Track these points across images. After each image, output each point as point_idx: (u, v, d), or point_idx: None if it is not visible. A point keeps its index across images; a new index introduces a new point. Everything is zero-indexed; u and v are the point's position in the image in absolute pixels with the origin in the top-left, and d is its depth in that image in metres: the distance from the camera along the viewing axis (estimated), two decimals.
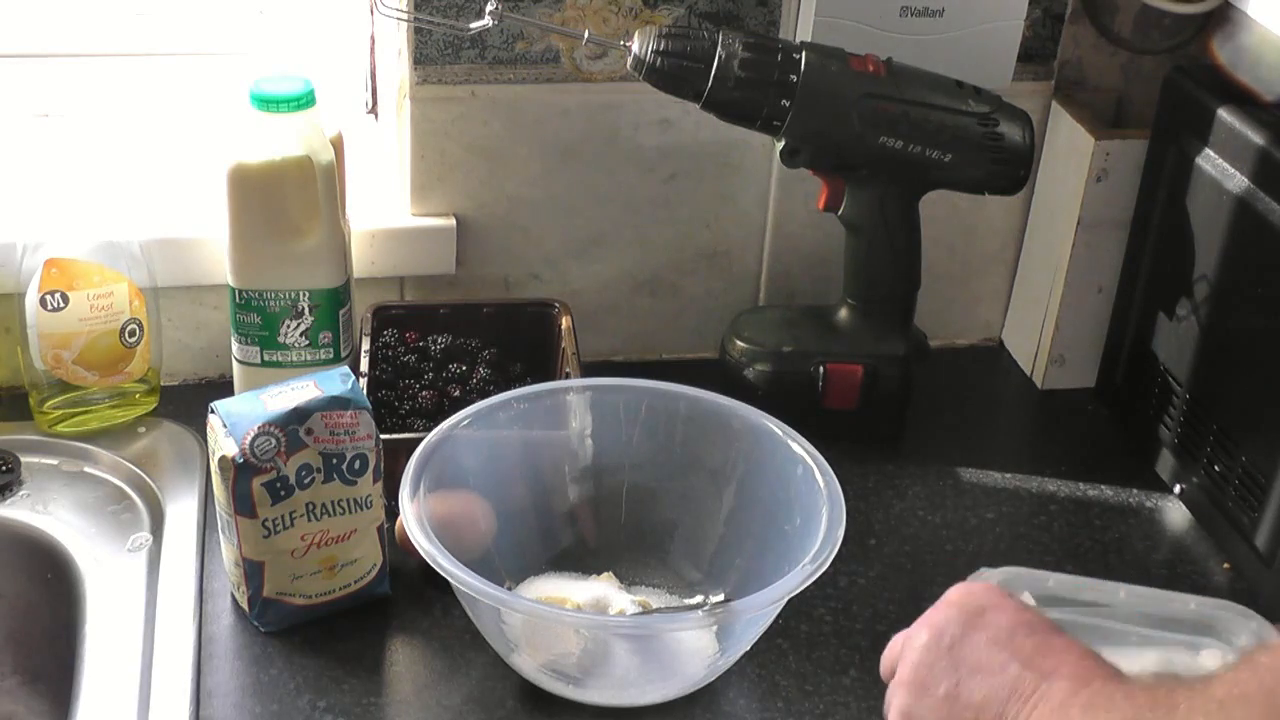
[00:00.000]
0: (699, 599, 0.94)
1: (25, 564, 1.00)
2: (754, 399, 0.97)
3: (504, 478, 0.96)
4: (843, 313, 1.12)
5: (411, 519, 0.85)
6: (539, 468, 0.98)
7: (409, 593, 0.96)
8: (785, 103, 1.00)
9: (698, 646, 0.87)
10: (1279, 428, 0.98)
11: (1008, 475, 1.11)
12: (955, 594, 0.74)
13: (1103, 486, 1.11)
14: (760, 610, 0.84)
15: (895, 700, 0.73)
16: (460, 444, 0.92)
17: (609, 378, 0.99)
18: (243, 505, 0.87)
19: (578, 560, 0.97)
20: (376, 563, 0.93)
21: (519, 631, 0.86)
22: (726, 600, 0.89)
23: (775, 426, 0.94)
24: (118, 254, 1.05)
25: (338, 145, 1.05)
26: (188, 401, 1.11)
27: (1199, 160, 1.05)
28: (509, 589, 0.93)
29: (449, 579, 0.82)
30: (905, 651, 0.73)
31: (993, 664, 0.68)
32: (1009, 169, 1.05)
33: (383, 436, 0.91)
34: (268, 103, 0.99)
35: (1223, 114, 1.03)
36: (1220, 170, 1.03)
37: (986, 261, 1.26)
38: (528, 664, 0.87)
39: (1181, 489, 1.09)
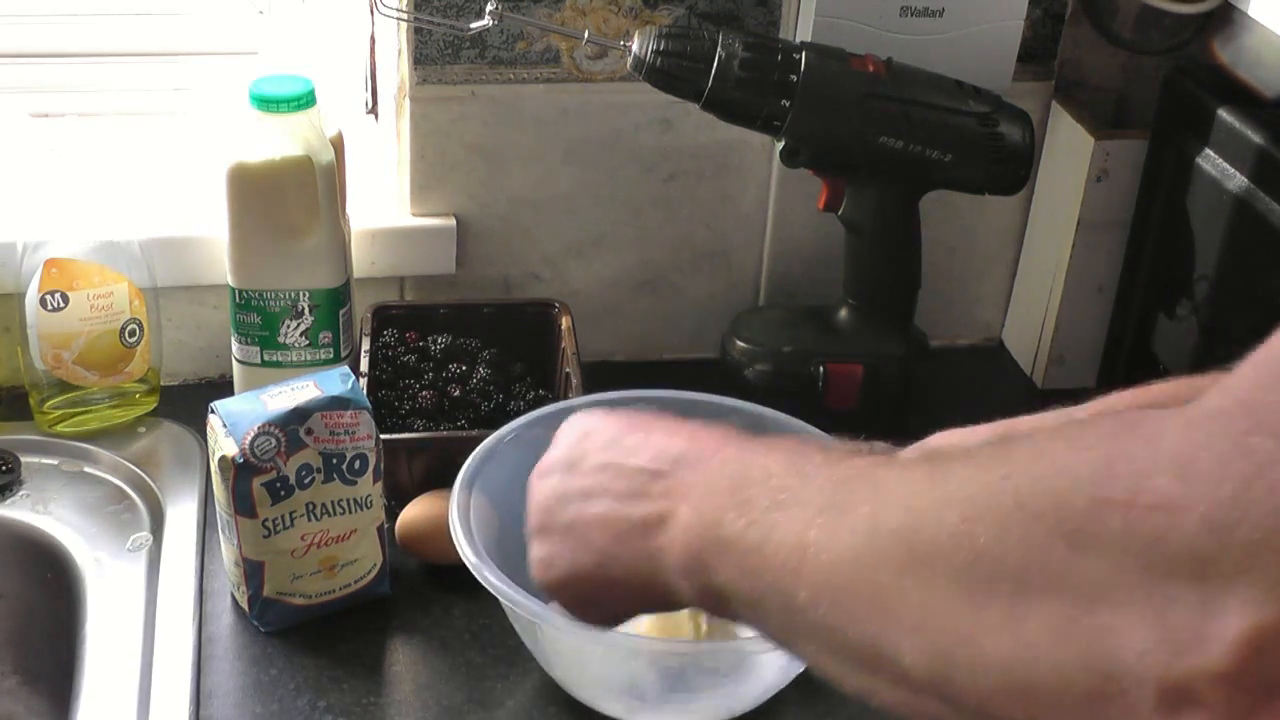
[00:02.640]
0: None
1: (25, 564, 1.00)
2: (754, 399, 0.97)
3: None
4: (843, 313, 1.12)
5: (469, 553, 0.83)
6: None
7: (409, 593, 0.96)
8: (785, 103, 1.00)
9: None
10: None
11: None
12: (561, 431, 0.71)
13: None
14: None
15: (530, 554, 0.70)
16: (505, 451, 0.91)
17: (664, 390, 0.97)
18: (243, 505, 0.87)
19: None
20: (376, 563, 0.93)
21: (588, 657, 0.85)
22: None
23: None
24: (118, 254, 1.05)
25: (338, 145, 1.05)
26: (188, 401, 1.11)
27: (1199, 160, 1.05)
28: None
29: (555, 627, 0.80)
30: (529, 504, 0.71)
31: (602, 482, 0.66)
32: (1009, 169, 1.05)
33: (383, 436, 0.91)
34: (268, 103, 0.99)
35: (1223, 114, 1.03)
36: (1220, 170, 1.03)
37: (986, 261, 1.26)
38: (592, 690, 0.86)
39: None
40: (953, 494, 0.48)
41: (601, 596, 0.67)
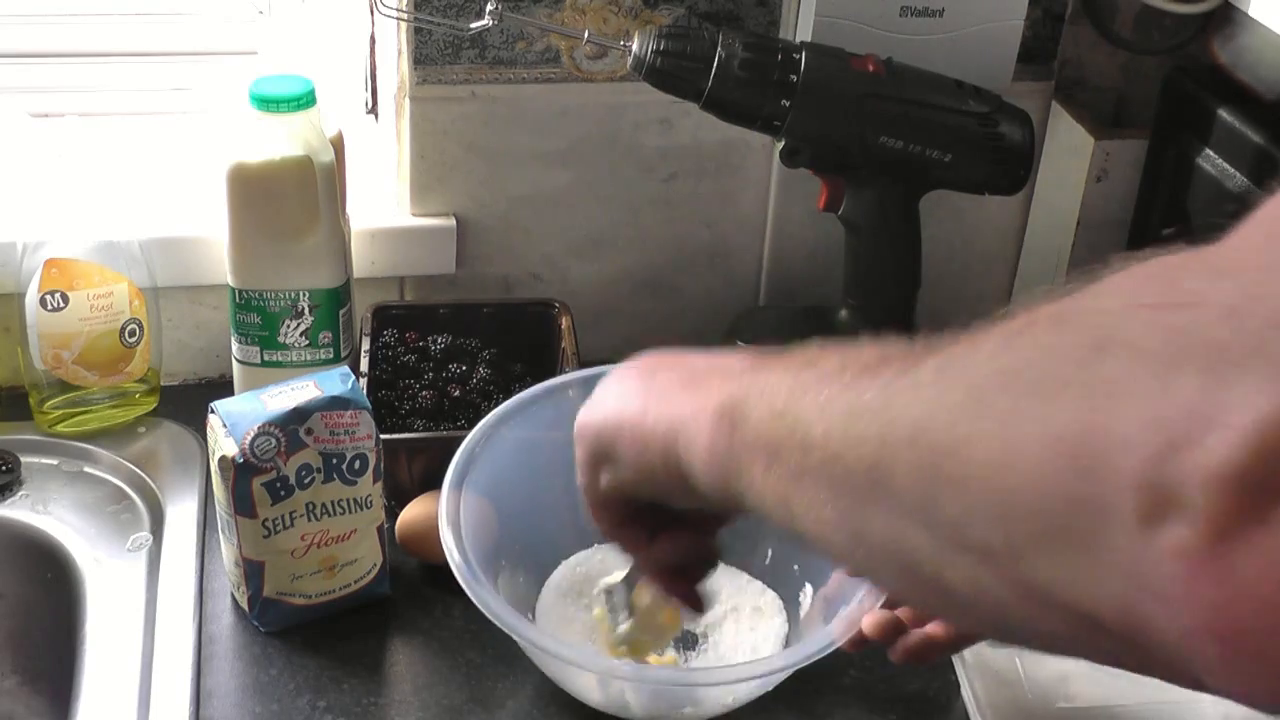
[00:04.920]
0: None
1: (25, 564, 1.00)
2: None
3: (529, 476, 0.94)
4: (843, 313, 1.12)
5: (461, 567, 0.83)
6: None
7: (409, 593, 0.96)
8: (785, 103, 1.00)
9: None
10: None
11: None
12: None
13: None
14: (824, 647, 0.82)
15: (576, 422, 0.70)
16: (495, 445, 0.91)
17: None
18: (243, 505, 0.87)
19: None
20: (376, 563, 0.93)
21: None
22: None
23: None
24: (118, 254, 1.05)
25: (338, 145, 1.05)
26: (188, 401, 1.11)
27: (1199, 160, 1.05)
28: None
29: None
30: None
31: (666, 369, 0.66)
32: (1009, 169, 1.05)
33: (383, 436, 0.91)
34: (268, 103, 0.99)
35: (1223, 114, 1.03)
36: (1220, 170, 1.03)
37: (986, 261, 1.26)
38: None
39: None
40: (996, 328, 0.47)
41: (624, 454, 0.65)
